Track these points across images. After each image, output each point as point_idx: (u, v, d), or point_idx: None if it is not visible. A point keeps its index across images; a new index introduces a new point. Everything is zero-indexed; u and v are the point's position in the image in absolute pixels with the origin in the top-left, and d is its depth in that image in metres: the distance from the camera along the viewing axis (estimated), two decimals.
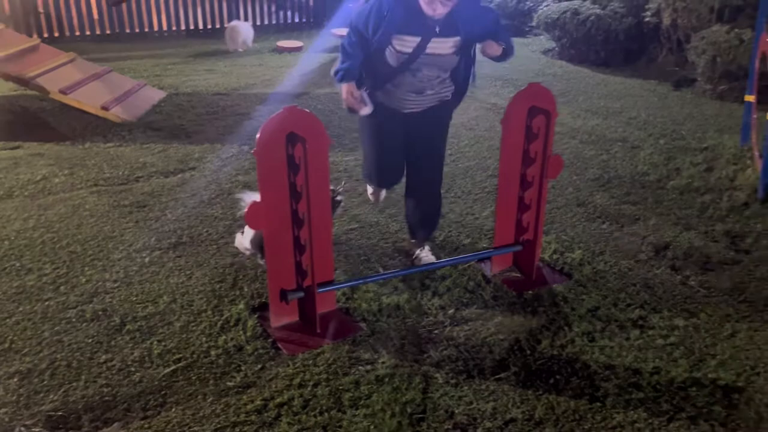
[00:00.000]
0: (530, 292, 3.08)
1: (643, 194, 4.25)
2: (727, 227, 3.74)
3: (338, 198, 3.38)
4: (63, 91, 5.48)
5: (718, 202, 4.07)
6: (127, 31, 10.31)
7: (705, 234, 3.68)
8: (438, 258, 3.37)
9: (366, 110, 3.00)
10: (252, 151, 2.55)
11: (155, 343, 2.68)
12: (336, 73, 3.00)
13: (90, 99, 5.68)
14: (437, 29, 2.86)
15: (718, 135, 5.40)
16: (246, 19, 10.82)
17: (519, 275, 3.26)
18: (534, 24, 9.85)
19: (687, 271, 3.30)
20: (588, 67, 8.33)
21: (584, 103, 6.50)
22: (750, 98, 4.76)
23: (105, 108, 5.57)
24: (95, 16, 10.06)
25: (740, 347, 2.67)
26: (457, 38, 2.90)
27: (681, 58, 7.74)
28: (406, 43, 2.88)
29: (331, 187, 3.26)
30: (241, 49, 9.29)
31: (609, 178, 4.53)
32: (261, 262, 3.26)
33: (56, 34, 9.81)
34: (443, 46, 2.90)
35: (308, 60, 8.79)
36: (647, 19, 8.06)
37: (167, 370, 2.52)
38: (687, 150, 5.07)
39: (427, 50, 2.88)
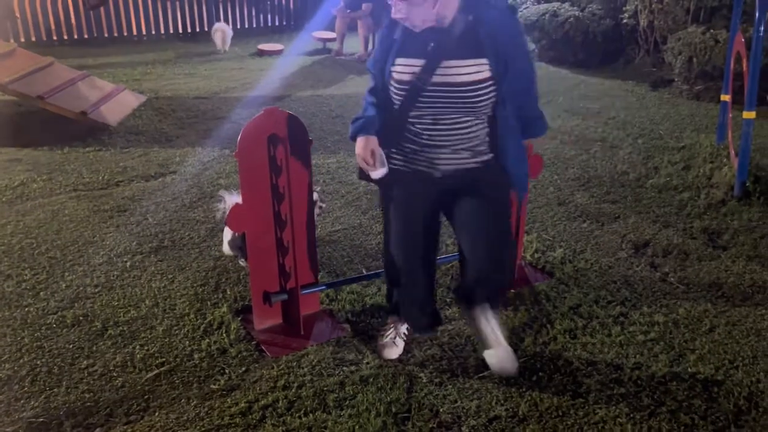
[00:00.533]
0: (512, 290, 3.11)
1: (623, 193, 4.30)
2: (704, 224, 3.80)
3: (314, 198, 3.34)
4: (41, 96, 5.42)
5: (695, 200, 4.13)
6: (106, 35, 10.24)
7: (683, 231, 3.73)
8: None
9: (378, 173, 2.28)
10: (233, 154, 2.54)
11: (138, 347, 2.66)
12: (353, 121, 2.32)
13: (68, 104, 5.62)
14: (445, 46, 2.11)
15: (695, 134, 5.48)
16: (226, 22, 10.84)
17: None
18: None
19: (666, 267, 3.34)
20: (567, 68, 8.41)
21: (564, 104, 6.56)
22: (725, 98, 4.84)
23: (84, 113, 5.51)
24: (72, 20, 9.97)
25: (719, 341, 2.72)
26: (483, 61, 2.11)
27: (658, 59, 7.85)
28: (406, 69, 2.16)
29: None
30: (226, 49, 9.57)
31: (589, 177, 4.58)
32: (242, 263, 3.26)
33: (33, 39, 9.71)
34: (461, 70, 2.11)
35: (289, 63, 8.79)
36: (625, 21, 8.16)
37: (150, 374, 2.50)
38: (665, 149, 5.13)
39: (437, 77, 2.12)
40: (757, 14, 3.84)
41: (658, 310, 2.96)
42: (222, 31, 9.62)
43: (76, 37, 10.02)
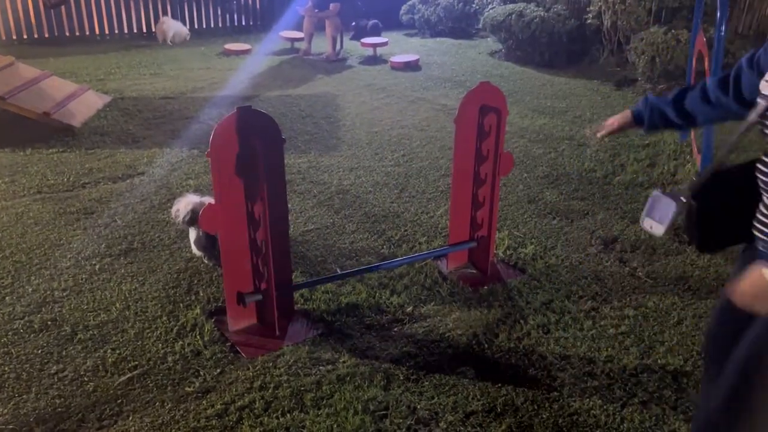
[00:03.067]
0: (486, 287, 3.14)
1: (591, 190, 4.37)
2: None
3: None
4: (2, 97, 5.27)
5: None
6: (68, 34, 10.01)
7: None
8: (395, 257, 3.40)
9: (659, 229, 1.77)
10: (205, 154, 2.51)
11: (109, 351, 2.61)
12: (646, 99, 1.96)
13: (30, 104, 5.48)
14: None
15: (659, 132, 5.60)
16: (191, 21, 10.79)
17: (474, 271, 3.32)
18: (480, 26, 10.03)
19: (634, 262, 3.41)
20: (533, 68, 8.51)
21: (531, 103, 6.65)
22: None
23: (46, 113, 5.39)
24: (33, 18, 9.72)
25: (686, 333, 2.78)
26: None
27: (622, 59, 8.00)
28: None
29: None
30: (170, 43, 9.88)
31: (558, 175, 4.65)
32: (208, 262, 3.24)
33: (14, 37, 9.44)
34: None
35: (257, 63, 8.71)
36: (589, 21, 8.30)
37: (123, 378, 2.46)
38: (631, 147, 5.24)
39: None
40: (718, 14, 3.95)
41: (628, 304, 3.02)
42: (164, 24, 9.99)
43: (36, 36, 9.78)
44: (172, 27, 10.07)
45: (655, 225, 1.83)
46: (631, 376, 2.51)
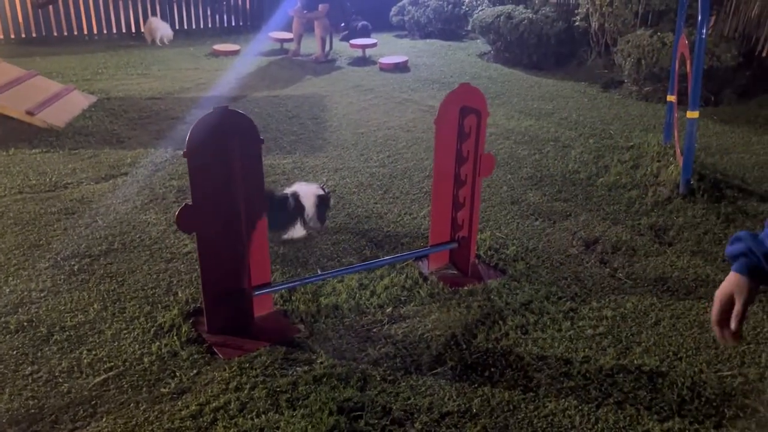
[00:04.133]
0: (466, 288, 3.14)
1: (574, 191, 4.39)
2: (651, 221, 3.91)
3: (328, 195, 3.70)
4: None
5: (643, 198, 4.25)
6: (55, 34, 9.96)
7: (631, 228, 3.83)
8: (377, 258, 3.39)
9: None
10: (182, 153, 2.51)
11: (85, 352, 2.60)
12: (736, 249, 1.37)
13: (14, 104, 5.45)
14: None
15: (643, 134, 5.63)
16: (180, 22, 10.77)
17: (455, 272, 3.32)
18: (470, 28, 10.06)
19: (615, 263, 3.43)
20: (522, 69, 8.54)
21: (518, 105, 6.66)
22: (671, 98, 4.99)
23: (30, 113, 5.36)
24: (20, 18, 9.67)
25: (664, 334, 2.80)
26: None
27: (609, 61, 8.04)
28: None
29: (322, 188, 3.66)
30: (159, 44, 9.92)
31: (542, 176, 4.66)
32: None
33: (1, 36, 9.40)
34: None
35: (245, 63, 8.70)
36: (577, 24, 8.33)
37: (98, 379, 2.45)
38: (615, 148, 5.26)
39: None
40: (699, 17, 3.97)
41: (607, 304, 3.03)
42: (152, 24, 10.05)
43: (24, 35, 9.73)
44: (160, 28, 10.06)
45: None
46: (607, 376, 2.52)
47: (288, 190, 3.62)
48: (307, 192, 3.61)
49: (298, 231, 3.60)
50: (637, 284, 3.22)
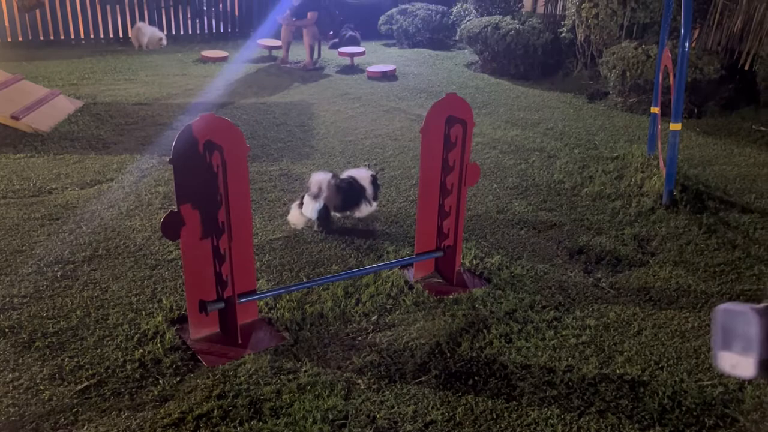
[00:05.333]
0: (451, 296, 3.15)
1: (559, 201, 4.42)
2: (635, 231, 3.95)
3: (376, 175, 4.04)
4: None
5: (627, 208, 4.29)
6: (41, 38, 9.90)
7: (615, 238, 3.87)
8: (363, 266, 3.40)
9: (748, 366, 1.23)
10: (168, 160, 2.50)
11: (66, 359, 2.58)
12: None
13: None
14: None
15: (628, 145, 5.69)
16: (168, 27, 10.76)
17: (440, 280, 3.33)
18: (457, 38, 10.13)
19: (599, 273, 3.46)
20: (509, 79, 8.60)
21: (504, 115, 6.71)
22: (655, 110, 5.05)
23: (15, 117, 5.32)
24: (6, 21, 9.60)
25: (646, 344, 2.82)
26: None
27: (594, 72, 8.12)
28: None
29: (371, 172, 4.03)
30: (145, 49, 9.92)
31: (527, 186, 4.69)
32: (317, 229, 3.81)
33: None
34: None
35: (233, 70, 8.69)
36: (563, 35, 8.42)
37: (79, 386, 2.43)
38: (600, 159, 5.31)
39: None
40: (682, 31, 4.03)
41: (590, 314, 3.05)
42: (139, 30, 10.03)
43: (9, 39, 9.66)
44: (147, 33, 10.03)
45: (740, 361, 1.19)
46: (589, 385, 2.54)
47: (344, 176, 3.94)
48: (361, 175, 3.98)
49: (365, 209, 3.95)
50: (620, 294, 3.25)
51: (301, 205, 3.82)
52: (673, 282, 3.37)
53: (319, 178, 3.76)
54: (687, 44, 4.04)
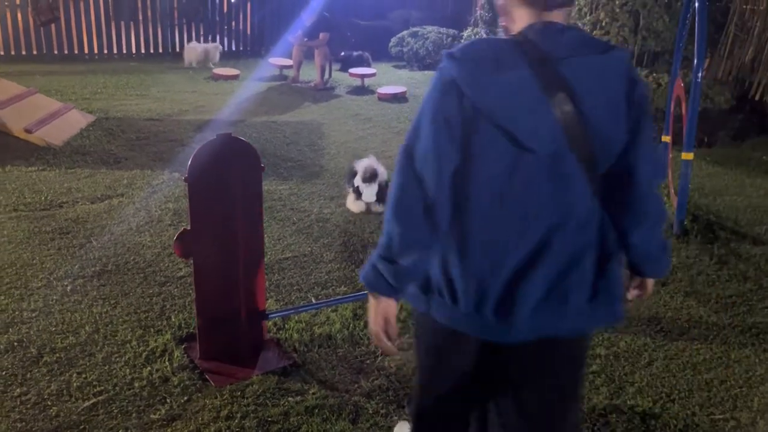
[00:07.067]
0: None
1: None
2: None
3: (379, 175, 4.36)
4: None
5: None
6: (56, 52, 10.02)
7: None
8: None
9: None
10: (183, 179, 2.51)
11: (75, 375, 2.57)
12: (387, 269, 1.50)
13: (12, 121, 5.46)
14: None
15: None
16: (173, 44, 10.89)
17: None
18: None
19: None
20: None
21: None
22: (666, 139, 5.06)
23: (28, 130, 5.36)
24: (21, 35, 9.73)
25: (657, 375, 2.79)
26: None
27: None
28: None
29: (374, 167, 4.40)
30: (195, 66, 10.11)
31: None
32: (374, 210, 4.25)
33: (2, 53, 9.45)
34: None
35: (244, 88, 8.76)
36: None
37: (87, 403, 2.41)
38: None
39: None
40: (695, 61, 4.05)
41: (601, 343, 3.03)
42: (187, 49, 10.29)
43: (24, 52, 9.78)
44: (196, 50, 10.22)
45: None
46: (600, 416, 2.51)
47: (360, 166, 4.40)
48: (373, 163, 4.44)
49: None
50: (630, 323, 3.22)
51: (357, 194, 4.25)
52: (684, 312, 3.34)
53: (368, 163, 4.18)
54: (700, 74, 4.05)
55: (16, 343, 2.75)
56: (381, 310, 1.53)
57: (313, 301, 3.26)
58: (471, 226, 1.47)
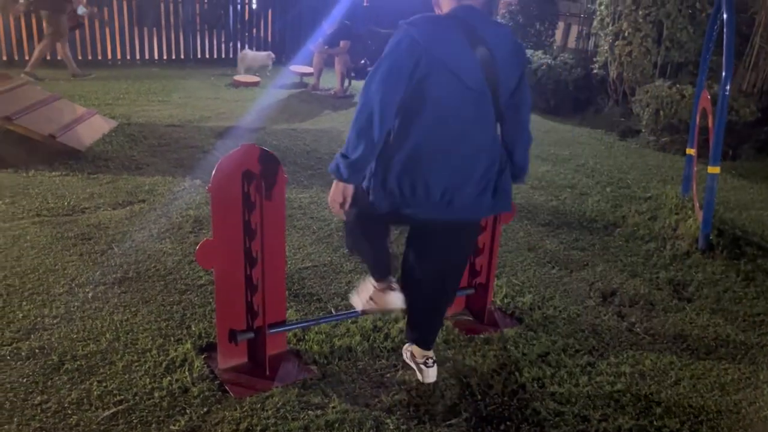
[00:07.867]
0: (482, 335, 3.10)
1: (591, 240, 4.35)
2: (670, 275, 3.86)
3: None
4: (9, 117, 5.30)
5: (661, 251, 4.21)
6: (80, 57, 10.14)
7: (650, 281, 3.79)
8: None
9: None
10: (207, 188, 2.51)
11: (95, 383, 2.56)
12: (343, 163, 2.21)
13: (37, 126, 5.51)
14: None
15: (661, 185, 5.61)
16: (203, 52, 10.92)
17: (471, 318, 3.28)
18: None
19: (633, 317, 3.37)
20: (539, 114, 8.59)
21: (534, 150, 6.66)
22: (691, 151, 4.98)
23: (52, 136, 5.41)
24: None
25: (684, 395, 2.73)
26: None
27: (626, 110, 8.07)
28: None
29: None
30: (243, 73, 10.10)
31: (559, 223, 4.64)
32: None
33: (4, 58, 9.59)
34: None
35: (265, 95, 8.80)
36: (595, 71, 8.40)
37: (107, 412, 2.41)
38: (632, 198, 5.24)
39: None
40: (723, 74, 3.98)
41: (625, 360, 2.97)
42: (241, 55, 10.37)
43: (49, 57, 9.90)
44: (247, 58, 10.31)
45: None
46: None
47: None
48: None
49: None
50: (655, 340, 3.16)
51: None
52: (711, 330, 3.27)
53: None
54: (728, 87, 3.99)
55: (37, 350, 2.76)
56: (340, 189, 2.29)
57: (333, 311, 3.23)
58: (420, 138, 2.17)
